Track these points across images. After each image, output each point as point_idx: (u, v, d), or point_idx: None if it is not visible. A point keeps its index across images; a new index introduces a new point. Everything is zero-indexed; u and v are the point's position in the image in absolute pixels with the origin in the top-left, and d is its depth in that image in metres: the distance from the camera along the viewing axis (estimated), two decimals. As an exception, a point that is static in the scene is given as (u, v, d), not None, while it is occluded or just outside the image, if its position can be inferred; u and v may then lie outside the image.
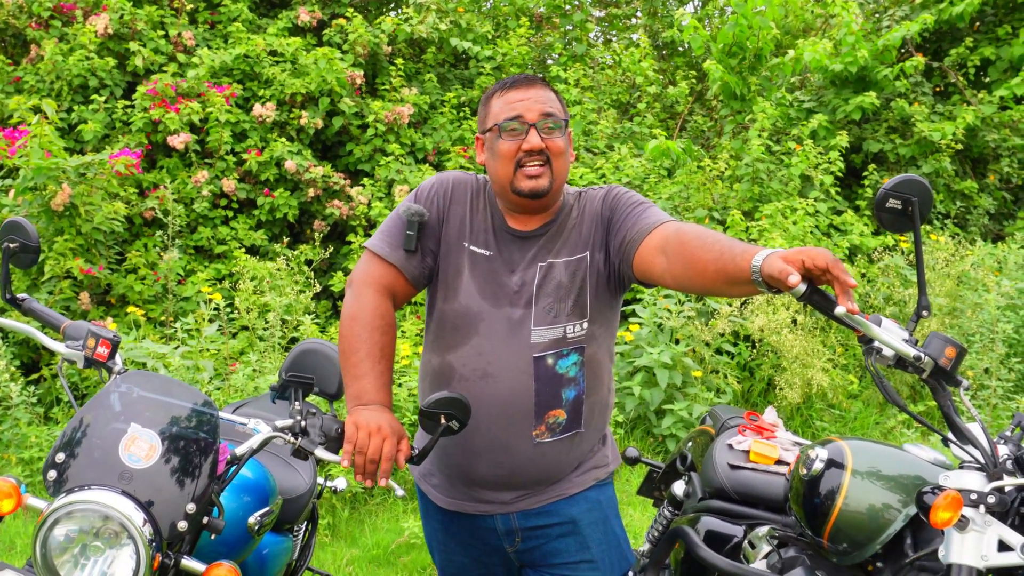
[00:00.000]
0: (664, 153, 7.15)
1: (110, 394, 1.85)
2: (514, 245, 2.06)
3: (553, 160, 1.99)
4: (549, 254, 2.05)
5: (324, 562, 4.21)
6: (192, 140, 6.92)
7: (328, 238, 7.37)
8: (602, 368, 2.11)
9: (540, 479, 2.07)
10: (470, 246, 2.06)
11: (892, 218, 1.91)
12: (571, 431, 2.06)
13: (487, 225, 2.08)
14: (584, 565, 2.12)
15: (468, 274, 2.05)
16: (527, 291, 2.02)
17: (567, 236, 2.06)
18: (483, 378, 2.00)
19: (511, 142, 1.98)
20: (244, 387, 4.88)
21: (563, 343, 2.01)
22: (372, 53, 8.05)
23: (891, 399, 1.89)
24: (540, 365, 1.99)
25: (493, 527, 2.12)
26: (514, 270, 2.04)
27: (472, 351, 2.01)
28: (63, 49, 7.16)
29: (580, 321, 2.03)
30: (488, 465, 2.04)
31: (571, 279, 2.03)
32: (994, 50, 8.70)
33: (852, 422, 5.87)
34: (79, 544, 1.70)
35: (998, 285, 6.57)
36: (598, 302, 2.06)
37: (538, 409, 2.00)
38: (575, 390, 2.03)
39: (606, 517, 2.16)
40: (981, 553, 1.76)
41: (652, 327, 5.78)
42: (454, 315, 2.05)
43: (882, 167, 8.20)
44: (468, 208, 2.09)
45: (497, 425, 1.99)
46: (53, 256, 5.79)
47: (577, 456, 2.11)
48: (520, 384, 1.98)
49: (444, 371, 2.05)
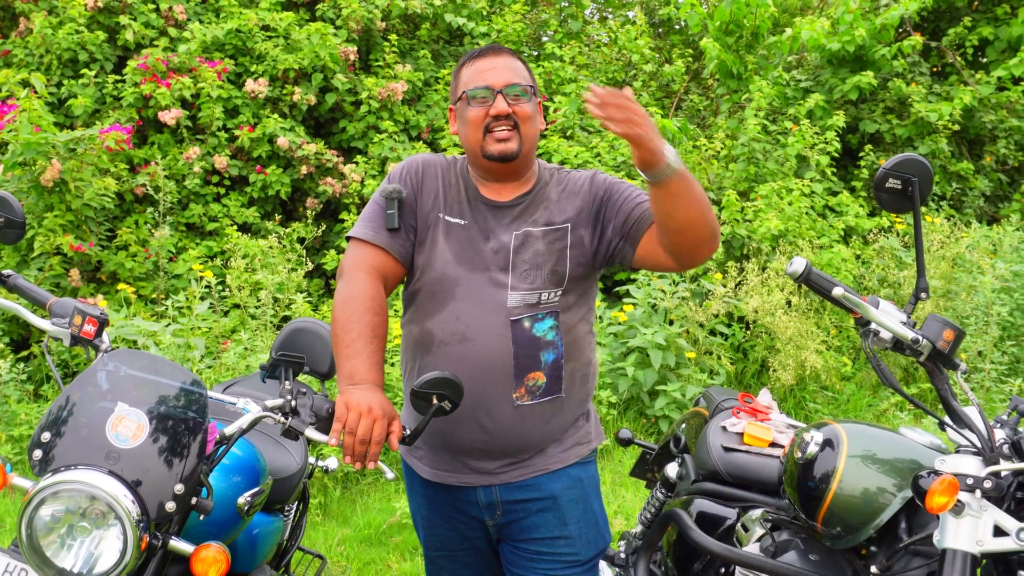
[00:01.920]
0: (660, 132, 7.11)
1: (97, 372, 1.82)
2: (489, 214, 2.11)
3: (521, 125, 2.06)
4: (526, 223, 2.09)
5: (315, 542, 4.21)
6: (183, 116, 6.86)
7: (321, 216, 7.32)
8: (579, 336, 2.13)
9: (522, 446, 2.09)
10: (445, 216, 2.10)
11: (891, 198, 1.89)
12: (551, 395, 2.08)
13: (461, 197, 2.13)
14: (561, 541, 2.14)
15: (443, 243, 2.08)
16: (503, 256, 2.06)
17: (546, 207, 2.11)
18: (462, 341, 2.02)
19: (479, 108, 2.05)
20: (236, 365, 4.85)
21: (538, 307, 2.05)
22: (366, 29, 7.97)
23: (888, 382, 1.87)
24: (517, 328, 2.02)
25: (475, 500, 2.14)
26: (489, 237, 2.08)
27: (450, 315, 2.04)
28: (52, 22, 7.08)
29: (556, 289, 2.06)
30: (471, 430, 2.05)
31: (548, 248, 2.06)
32: (992, 30, 8.66)
33: (845, 404, 5.87)
34: (65, 524, 1.68)
35: (993, 267, 6.56)
36: (576, 274, 2.09)
37: (517, 371, 2.02)
38: (553, 353, 2.06)
39: (586, 495, 2.19)
40: (976, 538, 1.75)
41: (646, 308, 5.77)
42: (431, 283, 2.08)
43: (878, 148, 8.17)
44: (440, 182, 2.14)
45: (478, 388, 2.01)
46: (43, 232, 5.75)
47: (559, 424, 2.12)
48: (498, 346, 2.01)
49: (424, 338, 2.08)
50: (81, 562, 1.67)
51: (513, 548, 2.17)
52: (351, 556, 4.12)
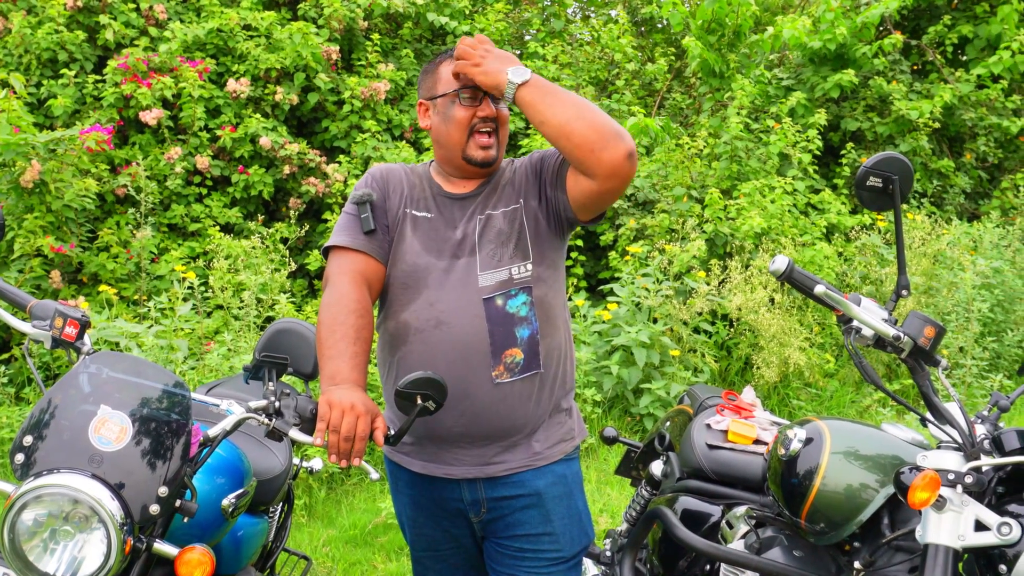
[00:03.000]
0: (643, 131, 7.13)
1: (79, 375, 1.81)
2: (454, 205, 2.17)
3: (500, 129, 2.14)
4: (487, 208, 2.15)
5: (300, 543, 4.20)
6: (165, 116, 6.82)
7: (304, 216, 7.30)
8: (554, 312, 2.15)
9: (505, 428, 2.09)
10: (412, 211, 2.16)
11: (872, 196, 1.90)
12: (530, 371, 2.09)
13: (426, 194, 2.19)
14: (545, 538, 2.15)
15: (411, 235, 2.13)
16: (469, 241, 2.11)
17: (502, 191, 2.17)
18: (437, 327, 2.05)
19: (467, 110, 2.09)
20: (219, 367, 4.83)
21: (510, 283, 2.08)
22: (348, 28, 7.95)
23: (870, 379, 1.88)
24: (490, 306, 2.06)
25: (460, 496, 2.15)
26: (456, 225, 2.13)
27: (423, 303, 2.07)
28: (31, 22, 7.02)
29: (524, 263, 2.10)
30: (452, 415, 2.05)
31: (510, 226, 2.12)
32: (972, 28, 8.72)
33: (828, 401, 5.91)
34: (48, 529, 1.66)
35: (973, 264, 6.62)
36: (540, 244, 2.13)
37: (494, 349, 2.04)
38: (528, 329, 2.08)
39: (570, 492, 2.20)
40: (958, 533, 1.76)
41: (630, 306, 5.78)
42: (403, 276, 2.11)
43: (860, 145, 8.22)
44: (405, 183, 2.21)
45: (456, 370, 2.02)
46: (23, 234, 5.70)
47: (541, 405, 2.13)
48: (473, 327, 2.04)
49: (400, 330, 2.10)
50: (64, 566, 1.65)
51: (497, 545, 2.18)
52: (336, 557, 4.11)
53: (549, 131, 1.97)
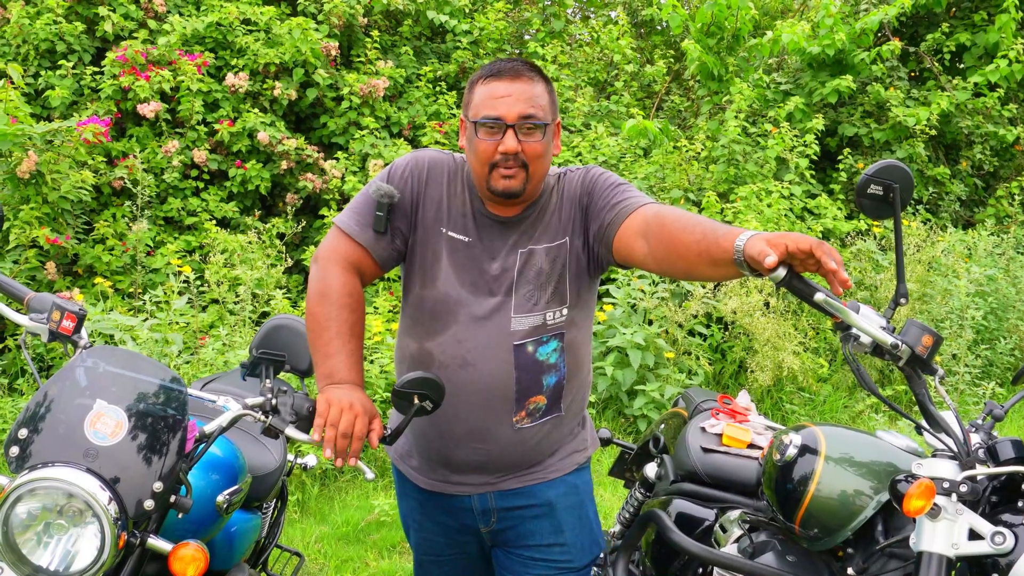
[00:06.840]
0: (641, 132, 7.13)
1: (75, 369, 1.81)
2: (494, 230, 2.02)
3: (530, 164, 1.93)
4: (530, 240, 2.01)
5: (293, 539, 4.19)
6: (163, 109, 6.80)
7: (301, 211, 7.28)
8: (582, 351, 2.10)
9: (520, 462, 2.07)
10: (448, 231, 2.02)
11: (873, 204, 1.90)
12: (551, 415, 2.05)
13: (465, 209, 2.03)
14: (556, 548, 2.13)
15: (447, 260, 2.01)
16: (507, 278, 1.99)
17: (548, 221, 2.03)
18: (463, 366, 1.97)
19: (488, 142, 1.92)
20: (214, 361, 4.82)
21: (543, 330, 1.99)
22: (347, 24, 7.93)
23: (867, 386, 1.88)
24: (520, 353, 1.97)
25: (470, 506, 2.12)
26: (495, 257, 2.01)
27: (451, 339, 1.98)
28: (30, 12, 6.99)
29: (560, 307, 2.01)
30: (468, 451, 2.03)
31: (551, 265, 2.00)
32: (969, 36, 8.74)
33: (821, 405, 5.92)
34: (42, 522, 1.66)
35: (968, 272, 6.63)
36: (577, 287, 2.04)
37: (519, 396, 1.99)
38: (556, 376, 2.02)
39: (582, 502, 2.17)
40: (952, 541, 1.76)
41: (626, 308, 5.79)
42: (432, 301, 2.01)
43: (857, 151, 8.23)
44: (445, 191, 2.04)
45: (477, 413, 1.98)
46: (19, 225, 5.68)
47: (556, 439, 2.11)
48: (500, 372, 1.96)
49: (423, 358, 2.02)
50: (58, 560, 1.65)
51: (507, 554, 2.16)
52: (329, 554, 4.10)
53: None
